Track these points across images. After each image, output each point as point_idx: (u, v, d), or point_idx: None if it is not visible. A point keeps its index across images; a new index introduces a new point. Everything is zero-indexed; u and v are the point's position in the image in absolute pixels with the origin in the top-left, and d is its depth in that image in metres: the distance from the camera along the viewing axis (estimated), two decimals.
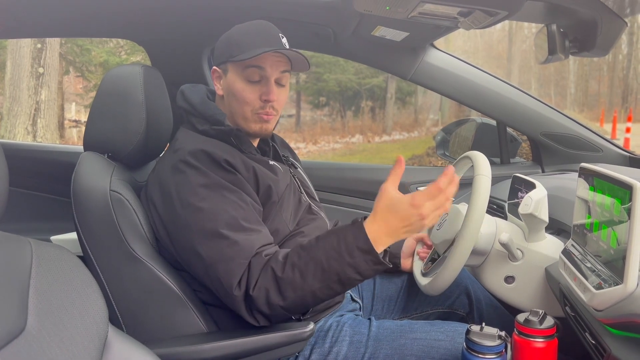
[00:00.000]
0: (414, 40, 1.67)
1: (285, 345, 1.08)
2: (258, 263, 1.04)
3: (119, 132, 1.22)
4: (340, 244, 1.01)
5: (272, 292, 1.02)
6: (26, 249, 0.73)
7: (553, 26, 1.31)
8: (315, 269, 1.01)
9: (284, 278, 1.01)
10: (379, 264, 1.01)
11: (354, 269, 1.01)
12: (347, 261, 1.00)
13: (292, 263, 1.02)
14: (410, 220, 1.00)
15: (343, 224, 1.08)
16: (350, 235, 1.01)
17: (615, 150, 1.83)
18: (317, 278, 1.01)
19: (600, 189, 0.91)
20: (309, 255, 1.02)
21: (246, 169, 1.15)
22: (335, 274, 1.01)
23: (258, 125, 1.22)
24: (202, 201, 1.08)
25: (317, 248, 1.03)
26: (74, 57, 9.32)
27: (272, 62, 1.18)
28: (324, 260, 1.01)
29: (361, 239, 1.00)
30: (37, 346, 0.64)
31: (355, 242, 1.00)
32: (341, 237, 1.02)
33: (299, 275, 1.01)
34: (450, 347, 1.10)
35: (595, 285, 0.84)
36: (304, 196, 1.32)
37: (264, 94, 1.18)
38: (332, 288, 1.02)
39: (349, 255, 1.00)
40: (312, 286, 1.01)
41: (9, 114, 7.73)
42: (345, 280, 1.02)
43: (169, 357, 1.03)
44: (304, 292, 1.02)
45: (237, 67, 1.19)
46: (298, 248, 1.05)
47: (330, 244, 1.02)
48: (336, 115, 12.76)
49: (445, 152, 2.12)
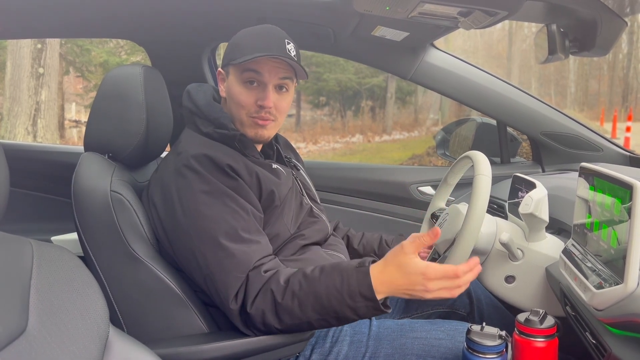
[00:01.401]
0: (414, 40, 1.67)
1: (286, 345, 1.08)
2: (257, 280, 1.04)
3: (119, 133, 1.22)
4: (344, 285, 1.00)
5: (269, 315, 1.02)
6: (27, 249, 0.73)
7: (553, 26, 1.31)
8: (315, 303, 1.01)
9: (283, 305, 1.01)
10: (378, 309, 1.00)
11: (353, 311, 1.00)
12: (347, 303, 0.99)
13: (293, 292, 1.01)
14: (414, 287, 0.99)
15: (348, 262, 1.06)
16: (354, 279, 1.00)
17: (615, 149, 1.83)
18: (316, 311, 1.01)
19: (600, 188, 0.91)
20: (310, 288, 1.01)
21: (249, 175, 1.14)
22: (334, 312, 1.01)
23: (253, 130, 1.20)
24: (203, 208, 1.07)
25: (319, 283, 1.01)
26: (74, 57, 9.32)
27: (270, 67, 1.16)
28: (324, 297, 1.00)
29: (365, 286, 0.99)
30: (38, 347, 0.64)
31: (359, 288, 0.99)
32: (345, 279, 1.00)
33: (298, 306, 1.01)
34: (451, 346, 1.10)
35: (596, 285, 0.84)
36: (305, 199, 1.32)
37: (259, 99, 1.17)
38: (328, 322, 1.03)
39: (350, 298, 0.99)
40: (310, 317, 1.01)
41: (9, 115, 7.73)
42: (343, 319, 1.02)
43: (169, 357, 1.03)
44: (301, 321, 1.02)
45: (236, 70, 1.18)
46: (300, 276, 1.04)
47: (333, 283, 1.01)
48: (336, 115, 12.76)
49: (446, 151, 2.12)
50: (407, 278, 0.99)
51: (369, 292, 0.99)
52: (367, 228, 1.63)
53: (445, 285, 0.98)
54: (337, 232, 1.50)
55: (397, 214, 1.93)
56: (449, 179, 1.44)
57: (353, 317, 1.02)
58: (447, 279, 0.98)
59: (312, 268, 1.05)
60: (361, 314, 1.01)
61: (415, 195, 1.91)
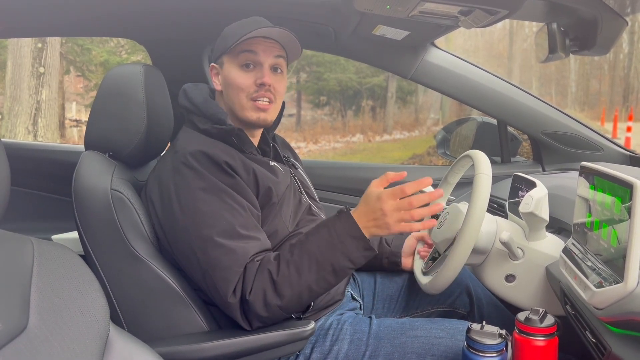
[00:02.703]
0: (414, 39, 1.67)
1: (286, 344, 1.08)
2: (252, 268, 1.06)
3: (120, 132, 1.23)
4: (332, 233, 1.05)
5: (269, 293, 1.04)
6: (28, 248, 0.73)
7: (553, 25, 1.31)
8: (310, 262, 1.04)
9: (280, 276, 1.04)
10: (368, 249, 1.05)
11: (346, 256, 1.05)
12: (339, 249, 1.04)
13: (287, 260, 1.05)
14: (375, 214, 1.04)
15: (328, 218, 1.11)
16: (339, 224, 1.06)
17: (615, 149, 1.83)
18: (313, 270, 1.04)
19: (600, 187, 0.91)
20: (302, 250, 1.05)
21: (246, 172, 1.15)
22: (330, 264, 1.04)
23: (255, 114, 1.22)
24: (201, 205, 1.08)
25: (308, 242, 1.06)
26: (74, 56, 9.31)
27: (265, 47, 1.20)
28: (317, 252, 1.04)
29: (350, 225, 1.05)
30: (38, 344, 0.64)
31: (345, 230, 1.05)
32: (331, 228, 1.06)
33: (295, 271, 1.04)
34: (451, 345, 1.10)
35: (596, 284, 0.84)
36: (304, 197, 1.32)
37: (258, 78, 1.20)
38: (326, 280, 1.05)
39: (340, 243, 1.04)
40: (308, 279, 1.04)
41: (10, 114, 7.73)
42: (339, 270, 1.05)
43: (170, 355, 1.03)
44: (301, 288, 1.04)
45: (231, 56, 1.21)
46: (288, 246, 1.08)
47: (321, 236, 1.06)
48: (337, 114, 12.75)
49: (446, 151, 2.13)
50: (368, 207, 1.05)
51: (356, 231, 1.04)
52: None
53: (398, 205, 1.03)
54: None
55: None
56: (449, 178, 1.44)
57: (347, 264, 1.05)
58: (395, 197, 1.03)
59: (296, 237, 1.10)
60: (354, 257, 1.05)
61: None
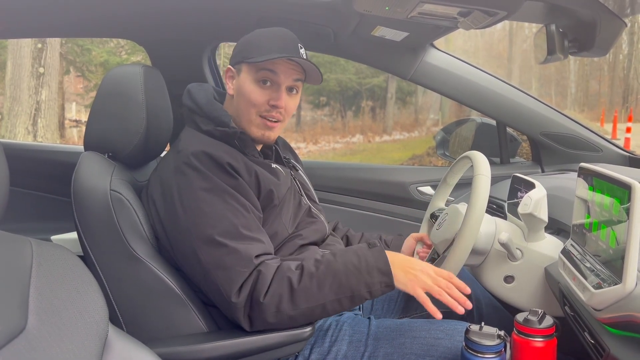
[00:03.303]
0: (413, 40, 1.67)
1: (285, 345, 1.08)
2: (268, 269, 1.05)
3: (120, 132, 1.22)
4: (361, 262, 1.07)
5: (285, 301, 1.03)
6: (26, 248, 0.73)
7: (552, 26, 1.32)
8: (333, 281, 1.04)
9: (301, 287, 1.03)
10: (389, 286, 1.07)
11: (368, 287, 1.05)
12: (364, 279, 1.05)
13: (310, 273, 1.05)
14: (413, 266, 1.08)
15: (357, 245, 1.14)
16: (371, 256, 1.08)
17: (615, 150, 1.83)
18: (333, 291, 1.04)
19: (599, 188, 0.91)
20: (328, 268, 1.06)
21: (248, 173, 1.15)
22: (350, 290, 1.05)
23: (261, 131, 1.21)
24: (204, 206, 1.08)
25: (336, 262, 1.07)
26: (74, 57, 9.32)
27: (286, 69, 1.18)
28: (342, 275, 1.05)
29: (382, 261, 1.07)
30: (37, 345, 0.64)
31: (376, 263, 1.07)
32: (361, 257, 1.08)
33: (316, 286, 1.04)
34: (450, 346, 1.10)
35: (594, 285, 0.84)
36: (304, 199, 1.32)
37: (272, 99, 1.18)
38: (341, 303, 1.06)
39: (368, 274, 1.05)
40: (326, 297, 1.04)
41: (10, 114, 7.73)
42: (357, 298, 1.06)
43: (169, 356, 1.03)
44: (316, 304, 1.04)
45: (250, 68, 1.19)
46: (313, 260, 1.08)
47: (350, 261, 1.07)
48: (336, 115, 12.75)
49: (445, 151, 2.13)
50: (410, 261, 1.10)
51: (385, 266, 1.06)
52: (366, 228, 1.63)
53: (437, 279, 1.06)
54: (336, 232, 1.50)
55: (396, 214, 1.94)
56: (448, 179, 1.44)
57: (366, 295, 1.06)
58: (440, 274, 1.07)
59: (320, 254, 1.11)
60: (374, 290, 1.06)
61: (414, 195, 1.92)
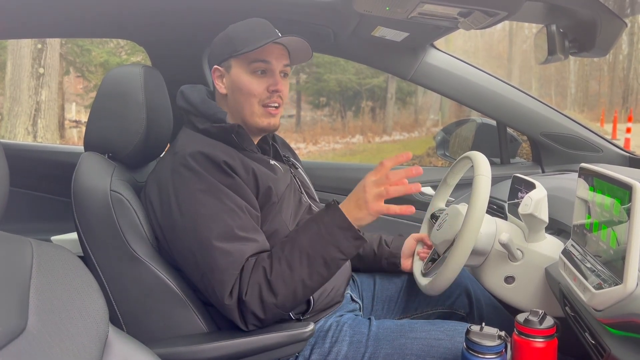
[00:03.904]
0: (414, 41, 1.67)
1: (286, 345, 1.08)
2: (247, 268, 1.07)
3: (119, 133, 1.22)
4: (320, 227, 1.07)
5: (264, 291, 1.04)
6: (27, 249, 0.73)
7: (552, 26, 1.32)
8: (301, 256, 1.05)
9: (274, 273, 1.04)
10: (358, 238, 1.07)
11: (336, 246, 1.06)
12: (328, 241, 1.06)
13: (278, 257, 1.06)
14: (358, 198, 1.07)
15: (316, 213, 1.14)
16: (327, 217, 1.08)
17: (615, 150, 1.83)
18: (304, 264, 1.05)
19: (600, 189, 0.91)
20: (293, 246, 1.07)
21: (245, 171, 1.15)
22: (321, 257, 1.05)
23: (266, 120, 1.23)
24: (200, 207, 1.08)
25: (298, 237, 1.08)
26: (74, 57, 9.32)
27: (277, 55, 1.22)
28: (307, 246, 1.06)
29: (338, 217, 1.07)
30: (37, 346, 0.64)
31: (333, 222, 1.07)
32: (319, 221, 1.08)
33: (287, 267, 1.05)
34: (450, 346, 1.10)
35: (595, 285, 0.84)
36: (304, 197, 1.32)
37: (271, 85, 1.21)
38: (319, 273, 1.06)
39: (329, 235, 1.06)
40: (301, 274, 1.05)
41: (10, 115, 7.73)
42: (330, 262, 1.06)
43: (169, 357, 1.03)
44: (294, 283, 1.05)
45: (242, 62, 1.21)
46: (279, 244, 1.10)
47: (310, 230, 1.08)
48: (336, 115, 12.76)
49: (446, 152, 2.13)
50: (354, 193, 1.10)
51: (343, 222, 1.06)
52: (366, 228, 1.61)
53: (377, 181, 1.06)
54: None
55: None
56: (448, 180, 1.44)
57: (338, 255, 1.07)
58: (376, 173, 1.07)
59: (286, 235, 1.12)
60: (344, 247, 1.07)
61: (414, 196, 1.91)
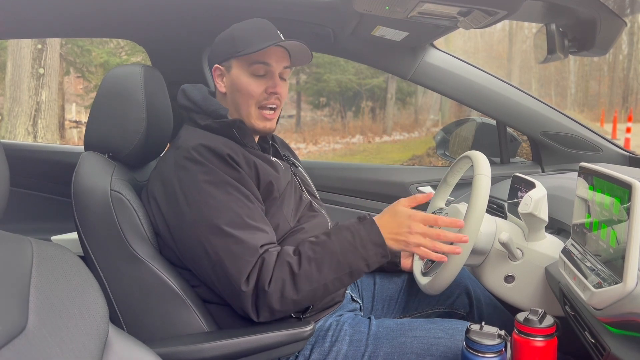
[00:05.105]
0: (413, 40, 1.67)
1: (286, 344, 1.08)
2: (269, 259, 1.07)
3: (120, 132, 1.23)
4: (355, 237, 1.08)
5: (288, 286, 1.05)
6: (27, 248, 0.73)
7: (552, 25, 1.32)
8: (331, 261, 1.06)
9: (301, 271, 1.05)
10: (385, 256, 1.09)
11: (365, 260, 1.08)
12: (360, 253, 1.08)
13: (308, 257, 1.07)
14: (401, 229, 1.08)
15: (349, 221, 1.14)
16: (363, 229, 1.09)
17: (615, 149, 1.83)
18: (332, 270, 1.06)
19: (599, 188, 0.91)
20: (324, 249, 1.08)
21: (248, 165, 1.16)
22: (348, 266, 1.07)
23: (262, 123, 1.24)
24: (208, 198, 1.09)
25: (331, 242, 1.09)
26: (74, 57, 9.31)
27: (278, 57, 1.22)
28: (339, 253, 1.07)
29: (374, 234, 1.09)
30: (37, 345, 0.64)
31: (369, 236, 1.08)
32: (354, 232, 1.09)
33: (316, 268, 1.06)
34: (450, 345, 1.10)
35: (595, 284, 0.84)
36: (305, 194, 1.32)
37: (270, 87, 1.22)
38: (342, 280, 1.08)
39: (362, 247, 1.08)
40: (327, 278, 1.06)
41: (10, 115, 7.73)
42: (355, 272, 1.08)
43: (169, 356, 1.03)
44: (318, 285, 1.06)
45: (242, 62, 1.21)
46: (308, 243, 1.10)
47: (344, 238, 1.09)
48: (336, 115, 12.75)
49: (445, 152, 2.13)
50: (396, 221, 1.10)
51: (378, 238, 1.08)
52: None
53: (426, 231, 1.07)
54: None
55: None
56: (448, 179, 1.44)
57: (364, 269, 1.09)
58: (428, 222, 1.09)
59: (314, 236, 1.12)
60: (371, 262, 1.09)
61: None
